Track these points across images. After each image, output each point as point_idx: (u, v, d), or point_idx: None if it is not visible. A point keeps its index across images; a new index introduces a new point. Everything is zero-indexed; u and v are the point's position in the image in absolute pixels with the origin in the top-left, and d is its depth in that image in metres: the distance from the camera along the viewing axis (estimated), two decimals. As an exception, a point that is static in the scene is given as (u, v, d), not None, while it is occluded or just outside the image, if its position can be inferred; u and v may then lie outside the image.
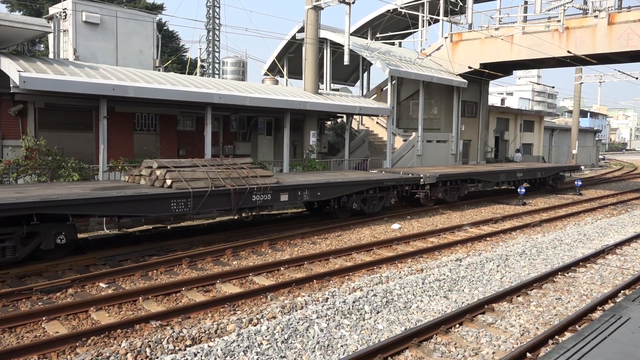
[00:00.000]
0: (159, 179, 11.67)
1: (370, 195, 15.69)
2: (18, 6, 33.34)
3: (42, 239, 9.59)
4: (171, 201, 10.91)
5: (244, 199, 12.16)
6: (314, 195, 13.85)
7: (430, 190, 17.83)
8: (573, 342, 4.33)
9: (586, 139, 50.61)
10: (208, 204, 11.64)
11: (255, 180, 12.60)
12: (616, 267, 10.85)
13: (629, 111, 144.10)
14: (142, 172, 12.33)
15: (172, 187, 11.25)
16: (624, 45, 21.70)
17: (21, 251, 9.35)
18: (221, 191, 11.74)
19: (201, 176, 11.87)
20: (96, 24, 17.20)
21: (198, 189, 11.35)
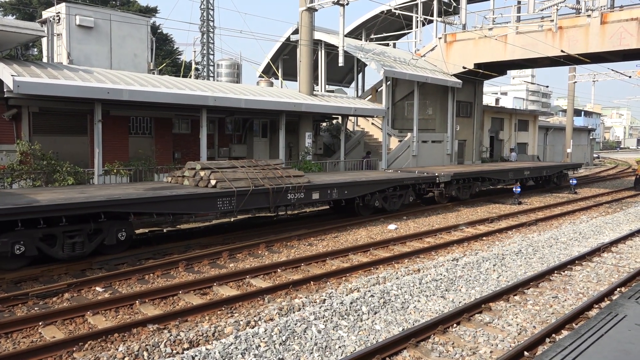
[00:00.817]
0: (203, 180, 12.54)
1: (390, 193, 16.65)
2: (11, 10, 33.21)
3: (106, 235, 10.36)
4: (217, 200, 11.80)
5: (281, 197, 13.13)
6: (341, 194, 14.79)
7: (445, 188, 18.78)
8: (570, 340, 4.34)
9: (580, 137, 50.83)
10: (249, 202, 12.53)
11: (289, 180, 13.58)
12: (612, 265, 10.90)
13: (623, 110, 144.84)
14: (185, 174, 13.21)
15: (216, 187, 12.14)
16: (617, 44, 21.82)
17: (88, 246, 10.18)
18: (261, 190, 12.67)
19: (242, 176, 12.77)
20: (90, 27, 17.16)
21: (240, 188, 12.27)
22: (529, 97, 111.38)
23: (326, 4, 19.88)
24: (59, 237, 9.74)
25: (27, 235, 9.33)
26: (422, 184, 17.80)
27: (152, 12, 37.08)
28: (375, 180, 15.88)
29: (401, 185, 16.90)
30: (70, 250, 9.91)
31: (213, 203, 11.75)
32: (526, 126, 39.26)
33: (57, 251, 9.76)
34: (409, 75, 23.47)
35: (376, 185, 15.88)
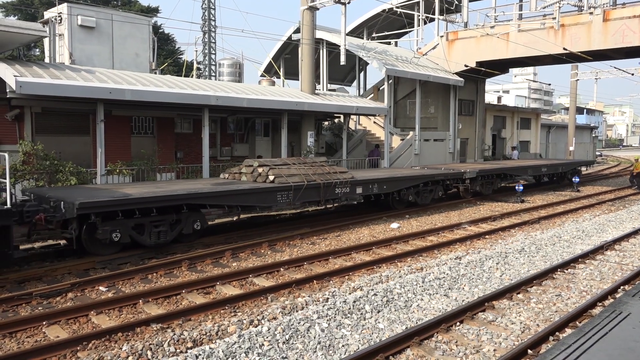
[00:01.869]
0: (262, 175, 13.57)
1: (422, 188, 17.76)
2: (13, 11, 33.27)
3: (184, 225, 11.51)
4: (277, 193, 13.02)
5: (330, 191, 14.24)
6: (381, 188, 15.89)
7: (470, 184, 19.84)
8: (574, 338, 4.33)
9: (583, 135, 50.69)
10: (303, 196, 13.67)
11: (337, 176, 14.66)
12: (615, 262, 10.88)
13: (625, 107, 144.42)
14: (242, 170, 14.30)
15: (274, 182, 13.19)
16: (619, 42, 21.75)
17: (170, 235, 11.27)
18: (313, 185, 13.79)
19: (296, 172, 13.86)
20: (92, 27, 17.17)
21: (296, 183, 13.38)
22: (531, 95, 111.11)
23: (327, 3, 19.86)
24: (147, 226, 10.88)
25: (123, 224, 10.48)
26: (451, 180, 18.98)
27: (153, 12, 37.12)
28: (409, 176, 17.12)
29: (432, 181, 18.07)
30: (156, 238, 11.02)
31: (274, 196, 12.99)
32: (528, 124, 39.17)
33: (145, 239, 10.89)
34: (410, 73, 23.44)
35: (411, 181, 17.07)
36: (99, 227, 10.17)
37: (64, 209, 9.89)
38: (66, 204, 9.86)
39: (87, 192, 10.98)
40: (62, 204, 9.94)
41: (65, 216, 9.91)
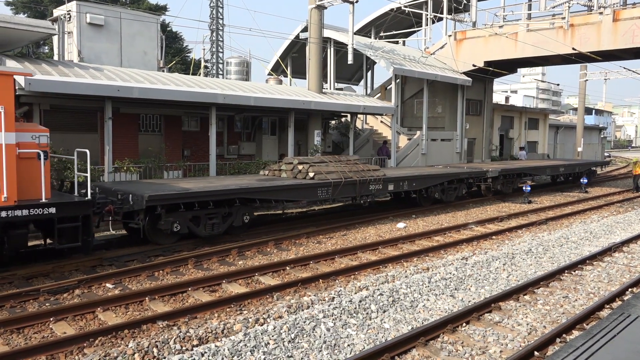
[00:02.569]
0: (302, 172, 14.29)
1: (447, 186, 18.38)
2: (22, 8, 33.47)
3: (234, 217, 12.19)
4: (318, 189, 13.82)
5: (364, 188, 14.91)
6: (410, 186, 16.64)
7: (492, 183, 20.44)
8: (582, 341, 4.31)
9: (591, 136, 50.36)
10: (341, 192, 14.40)
11: (371, 173, 15.37)
12: (623, 265, 10.80)
13: (635, 108, 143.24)
14: (282, 167, 15.02)
15: (314, 179, 13.93)
16: (629, 42, 21.59)
17: (222, 227, 11.99)
18: (350, 181, 14.52)
19: (333, 169, 14.58)
20: (100, 25, 17.24)
21: (335, 180, 14.15)
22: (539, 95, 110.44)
23: (335, 2, 19.83)
24: (202, 218, 11.59)
25: (182, 216, 11.19)
26: (474, 178, 19.64)
27: (161, 10, 37.22)
28: (436, 174, 17.89)
29: (457, 179, 18.75)
30: (210, 229, 11.76)
31: (314, 192, 13.80)
32: (536, 124, 38.96)
33: (201, 230, 11.63)
34: (418, 73, 23.37)
35: (438, 179, 17.82)
36: (163, 218, 10.89)
37: (131, 201, 10.58)
38: (134, 197, 10.55)
39: (149, 187, 11.82)
40: (130, 197, 10.61)
41: (133, 208, 10.58)
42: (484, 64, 25.59)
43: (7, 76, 8.54)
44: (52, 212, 8.98)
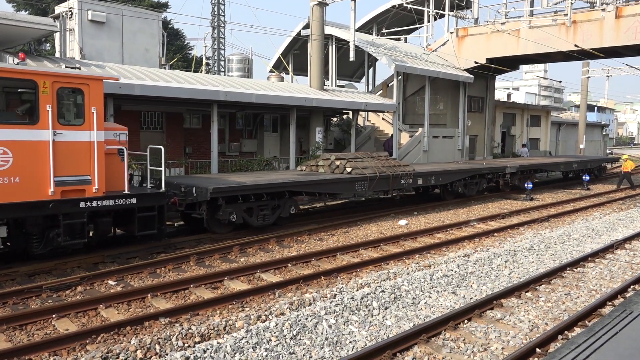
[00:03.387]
0: (339, 168, 15.28)
1: (469, 181, 19.26)
2: (24, 6, 33.46)
3: (282, 209, 13.13)
4: (356, 183, 14.72)
5: (396, 182, 15.86)
6: (437, 180, 17.58)
7: (510, 178, 21.34)
8: (584, 338, 4.31)
9: (593, 133, 50.25)
10: (376, 185, 15.29)
11: (402, 168, 16.25)
12: (625, 262, 10.78)
13: (637, 105, 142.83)
14: (319, 163, 16.02)
15: (351, 174, 14.85)
16: (632, 39, 21.51)
17: (271, 217, 12.92)
18: (384, 176, 15.43)
19: (368, 165, 15.51)
20: (102, 22, 17.23)
21: (371, 175, 15.05)
22: (542, 92, 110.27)
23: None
24: (255, 209, 12.48)
25: (239, 207, 12.12)
26: (494, 174, 20.55)
27: (163, 7, 37.16)
28: (461, 169, 18.83)
29: (479, 175, 19.65)
30: (262, 220, 12.70)
31: (353, 186, 14.74)
32: (538, 122, 38.88)
33: (253, 220, 12.55)
34: (420, 70, 23.33)
35: (461, 174, 18.69)
36: (223, 209, 11.79)
37: (195, 194, 11.53)
38: (198, 190, 11.48)
39: (208, 180, 12.74)
40: (193, 190, 11.55)
41: (197, 199, 11.53)
42: (485, 61, 25.53)
43: (98, 80, 9.63)
44: (133, 202, 10.08)
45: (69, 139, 9.27)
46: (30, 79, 8.84)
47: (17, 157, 8.70)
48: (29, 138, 8.83)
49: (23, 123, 8.88)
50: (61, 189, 9.20)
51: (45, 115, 8.95)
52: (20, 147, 8.73)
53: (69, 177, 9.27)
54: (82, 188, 9.46)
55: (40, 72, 8.95)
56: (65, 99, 9.33)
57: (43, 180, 8.99)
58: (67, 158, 9.24)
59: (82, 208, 9.36)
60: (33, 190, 8.87)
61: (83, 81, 9.44)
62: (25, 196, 8.79)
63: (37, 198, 8.90)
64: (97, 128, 9.53)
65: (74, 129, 9.33)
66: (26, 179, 8.82)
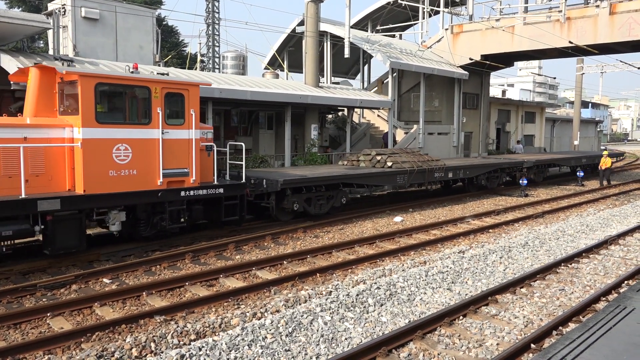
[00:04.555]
0: (380, 162, 16.70)
1: (491, 175, 20.80)
2: (17, 2, 33.23)
3: (335, 199, 14.69)
4: (397, 176, 16.23)
5: (431, 175, 17.29)
6: (465, 174, 19.15)
7: (526, 172, 22.50)
8: (578, 333, 4.32)
9: (588, 129, 50.44)
10: (413, 178, 16.73)
11: (435, 163, 17.70)
12: (619, 257, 10.84)
13: (631, 101, 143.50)
14: (360, 158, 17.40)
15: (391, 167, 16.27)
16: (626, 35, 21.58)
17: (326, 207, 14.42)
18: (421, 169, 16.86)
19: (406, 159, 16.95)
20: (95, 19, 17.13)
21: (409, 168, 16.47)
22: (536, 88, 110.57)
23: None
24: (313, 199, 14.00)
25: (301, 197, 13.61)
26: (511, 168, 21.93)
27: (157, 4, 36.98)
28: (484, 164, 20.53)
29: (500, 169, 21.11)
30: (319, 209, 14.26)
31: (395, 178, 16.21)
32: (533, 118, 39.00)
33: (311, 209, 14.06)
34: (415, 67, 23.33)
35: (485, 168, 20.31)
36: (288, 199, 13.25)
37: (265, 185, 12.85)
38: (268, 182, 12.82)
39: (274, 174, 14.10)
40: (264, 181, 12.85)
41: (267, 190, 12.89)
42: (480, 58, 25.56)
43: (195, 86, 11.10)
44: (221, 192, 11.60)
45: (173, 137, 10.70)
46: (145, 85, 10.23)
47: (135, 152, 10.11)
48: (143, 136, 10.25)
49: (140, 123, 10.25)
50: (167, 180, 10.65)
51: (156, 117, 10.38)
52: (137, 144, 10.15)
53: (173, 170, 10.76)
54: (182, 179, 10.94)
55: (153, 80, 10.42)
56: (171, 102, 10.69)
57: (153, 172, 10.45)
58: (172, 153, 10.68)
59: (183, 196, 10.92)
60: (146, 180, 10.35)
61: (184, 87, 10.86)
62: (140, 186, 10.26)
63: (149, 188, 10.40)
64: (195, 127, 11.00)
65: (176, 128, 10.76)
66: (141, 171, 10.25)
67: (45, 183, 9.42)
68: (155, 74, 11.66)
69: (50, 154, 9.45)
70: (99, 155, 9.59)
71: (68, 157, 9.60)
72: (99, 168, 9.60)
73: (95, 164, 9.56)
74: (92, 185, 9.54)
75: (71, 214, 9.39)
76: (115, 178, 9.84)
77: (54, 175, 9.53)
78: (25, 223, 8.91)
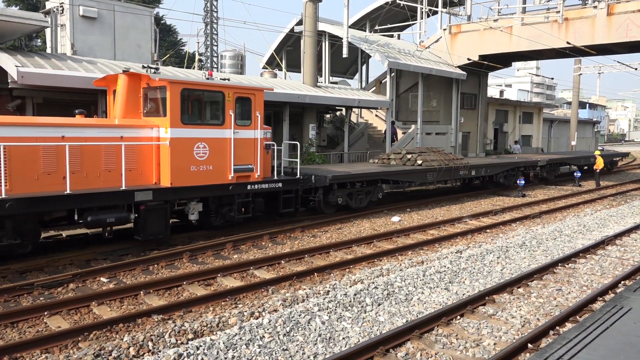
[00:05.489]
0: (410, 160, 17.78)
1: (509, 173, 21.97)
2: (15, 1, 33.14)
3: (373, 194, 15.91)
4: (427, 173, 17.31)
5: (456, 173, 18.47)
6: (486, 172, 20.35)
7: (539, 171, 24.07)
8: (575, 333, 4.34)
9: (585, 130, 50.52)
10: (441, 175, 17.85)
11: (459, 161, 18.87)
12: (616, 257, 10.87)
13: (628, 102, 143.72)
14: (390, 157, 18.51)
15: (421, 165, 17.31)
16: (623, 36, 21.63)
17: (364, 201, 15.66)
18: (448, 167, 17.99)
19: (434, 158, 17.97)
20: (93, 18, 17.09)
21: (438, 166, 17.57)
22: (534, 89, 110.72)
23: (330, -5, 19.74)
24: (354, 194, 15.21)
25: (343, 192, 14.77)
26: (526, 167, 23.15)
27: (155, 3, 36.93)
28: (503, 163, 21.85)
29: (516, 167, 22.28)
30: (358, 203, 15.39)
31: (425, 175, 17.30)
32: (530, 118, 39.05)
33: (352, 203, 15.19)
34: (413, 67, 23.35)
35: (504, 167, 21.61)
36: (334, 193, 14.48)
37: (314, 181, 13.89)
38: (317, 177, 13.92)
39: (320, 170, 15.14)
40: (312, 177, 13.89)
41: (315, 185, 13.95)
42: (478, 58, 25.59)
43: (260, 91, 12.36)
44: (280, 186, 12.84)
45: (242, 136, 11.91)
46: (220, 90, 11.48)
47: (211, 150, 11.36)
48: (218, 135, 11.48)
49: (215, 124, 11.49)
50: (237, 175, 11.89)
51: (229, 118, 11.59)
52: (213, 142, 11.41)
53: (241, 166, 11.99)
54: (248, 174, 12.17)
55: (227, 85, 11.62)
56: (240, 106, 11.90)
57: (226, 168, 11.69)
58: (240, 151, 11.89)
59: (249, 190, 12.20)
60: (220, 175, 11.61)
61: (251, 92, 12.12)
62: (215, 180, 11.49)
63: (222, 182, 11.63)
64: (260, 127, 12.27)
65: (244, 129, 11.98)
66: (216, 166, 11.49)
67: (136, 177, 10.59)
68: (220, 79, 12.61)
69: (141, 151, 10.67)
70: (183, 152, 10.82)
71: (155, 153, 10.79)
72: (183, 164, 10.85)
73: (180, 160, 10.80)
74: (177, 179, 10.79)
75: (159, 204, 10.61)
76: (195, 173, 11.11)
77: (144, 170, 10.75)
78: (124, 211, 10.14)
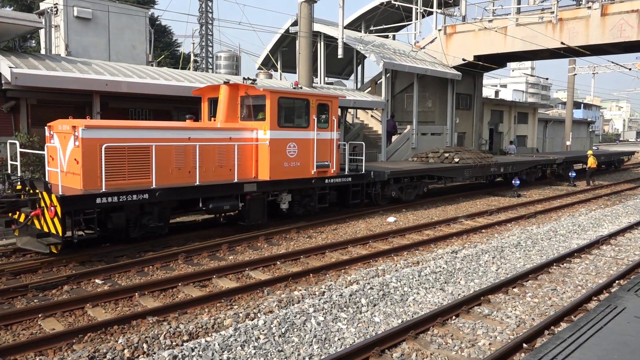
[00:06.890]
0: (448, 158, 19.33)
1: (530, 170, 23.60)
2: (9, 1, 32.98)
3: (419, 189, 17.70)
4: (464, 170, 18.96)
5: (487, 170, 20.07)
6: (512, 169, 21.89)
7: (556, 168, 25.84)
8: (569, 333, 4.35)
9: (580, 130, 50.74)
10: (475, 172, 19.50)
11: (490, 159, 20.55)
12: (611, 257, 10.92)
13: (622, 102, 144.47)
14: (428, 155, 20.13)
15: (458, 163, 18.94)
16: (617, 36, 21.73)
17: (412, 194, 17.45)
18: (480, 165, 19.57)
19: (469, 156, 19.59)
20: (88, 19, 17.05)
21: (473, 164, 19.20)
22: (529, 89, 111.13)
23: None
24: (404, 188, 17.01)
25: (396, 186, 16.63)
26: (544, 165, 24.77)
27: (150, 4, 36.81)
28: (526, 161, 23.35)
29: (538, 165, 24.11)
30: (408, 196, 17.19)
31: (462, 172, 18.95)
32: (525, 119, 39.18)
33: (402, 196, 16.96)
34: (408, 67, 23.38)
35: (527, 164, 23.11)
36: (390, 187, 16.35)
37: (373, 176, 15.54)
38: (376, 173, 15.61)
39: (372, 167, 16.51)
40: (372, 172, 15.50)
41: (374, 180, 15.65)
42: (473, 58, 25.65)
43: (336, 98, 14.26)
44: (349, 180, 14.79)
45: (322, 137, 13.76)
46: (306, 98, 13.36)
47: (299, 149, 13.23)
48: (304, 136, 13.36)
49: (302, 127, 13.35)
50: (318, 170, 13.73)
51: (312, 122, 13.45)
52: (301, 142, 13.29)
53: (321, 162, 13.82)
54: (326, 170, 13.98)
55: (311, 94, 13.65)
56: (320, 111, 13.69)
57: (309, 164, 13.56)
58: (320, 150, 13.73)
59: (326, 183, 14.05)
60: (305, 170, 13.50)
61: (329, 99, 13.97)
62: (302, 174, 13.39)
63: (307, 176, 13.52)
64: (335, 130, 14.09)
65: (324, 131, 13.82)
66: (303, 163, 13.37)
67: (240, 172, 12.30)
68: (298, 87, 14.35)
69: (244, 150, 12.46)
70: (279, 150, 12.71)
71: (254, 152, 12.64)
72: (279, 160, 12.74)
73: (277, 157, 12.69)
74: (275, 173, 12.67)
75: (259, 194, 12.54)
76: (287, 168, 12.98)
77: (246, 166, 12.55)
78: (236, 200, 12.04)
